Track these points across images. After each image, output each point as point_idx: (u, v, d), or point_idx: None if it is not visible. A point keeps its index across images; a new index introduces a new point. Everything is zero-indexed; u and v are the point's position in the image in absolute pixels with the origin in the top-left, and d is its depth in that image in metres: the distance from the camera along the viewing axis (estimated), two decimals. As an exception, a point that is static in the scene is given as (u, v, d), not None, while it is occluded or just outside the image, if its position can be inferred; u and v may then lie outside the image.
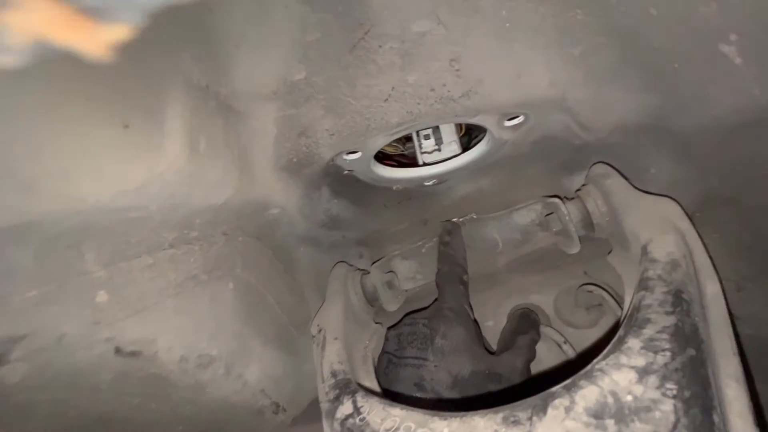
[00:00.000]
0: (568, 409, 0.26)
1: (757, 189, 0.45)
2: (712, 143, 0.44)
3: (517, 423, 0.27)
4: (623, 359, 0.28)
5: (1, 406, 0.31)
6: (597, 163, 0.58)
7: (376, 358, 0.58)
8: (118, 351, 0.33)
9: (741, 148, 0.42)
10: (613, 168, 0.55)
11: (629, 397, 0.25)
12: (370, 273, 0.66)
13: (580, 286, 0.63)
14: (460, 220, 0.67)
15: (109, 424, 0.39)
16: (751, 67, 0.32)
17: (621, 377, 0.27)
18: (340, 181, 0.57)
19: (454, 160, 0.61)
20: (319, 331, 0.57)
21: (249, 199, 0.48)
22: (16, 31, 0.15)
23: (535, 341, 0.54)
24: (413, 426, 0.31)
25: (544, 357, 0.63)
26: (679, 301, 0.32)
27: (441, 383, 0.47)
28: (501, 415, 0.28)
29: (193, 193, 0.35)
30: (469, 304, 0.55)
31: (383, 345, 0.58)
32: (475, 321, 0.55)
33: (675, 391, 0.25)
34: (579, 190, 0.59)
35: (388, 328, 0.59)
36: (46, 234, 0.27)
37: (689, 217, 0.45)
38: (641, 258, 0.42)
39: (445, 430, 0.29)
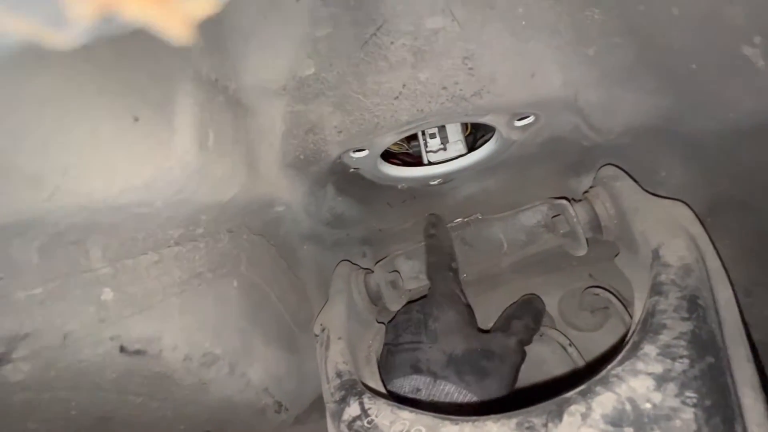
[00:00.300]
0: (584, 416, 0.26)
1: None
2: (725, 147, 0.44)
3: (532, 429, 0.26)
4: (640, 366, 0.28)
5: (3, 404, 0.30)
6: (606, 165, 0.57)
7: (379, 359, 0.57)
8: (122, 349, 0.32)
9: (754, 152, 0.42)
10: (623, 170, 0.54)
11: (648, 405, 0.25)
12: (373, 272, 0.65)
13: (586, 288, 0.63)
14: (465, 220, 0.67)
15: (111, 423, 0.38)
16: None
17: (638, 384, 0.27)
18: (346, 179, 0.57)
19: (461, 159, 0.60)
20: (323, 330, 0.56)
21: (255, 196, 0.48)
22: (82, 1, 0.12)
23: (528, 327, 0.53)
24: (423, 430, 0.30)
25: (548, 359, 0.63)
26: (695, 306, 0.32)
27: (436, 362, 0.48)
28: (515, 421, 0.28)
29: (200, 189, 0.34)
30: (461, 289, 0.56)
31: (384, 339, 0.58)
32: (467, 305, 0.55)
33: (695, 400, 0.24)
34: (587, 192, 0.59)
35: (387, 322, 0.59)
36: (51, 230, 0.26)
37: (701, 221, 0.44)
38: (652, 262, 0.42)
39: (457, 435, 0.29)
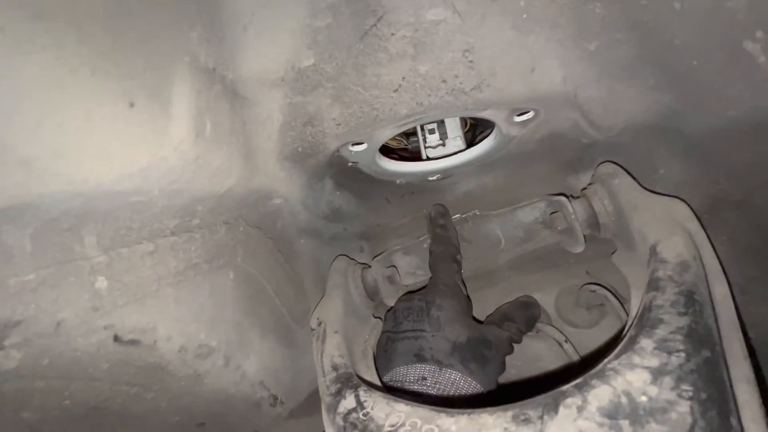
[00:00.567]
0: (580, 409, 0.26)
1: None
2: (724, 144, 0.44)
3: (527, 421, 0.26)
4: (636, 359, 0.28)
5: (-5, 392, 0.30)
6: (604, 162, 0.57)
7: (376, 348, 0.57)
8: (117, 339, 0.32)
9: (753, 150, 0.42)
10: (621, 167, 0.54)
11: (644, 398, 0.25)
12: (370, 267, 0.65)
13: (583, 285, 0.63)
14: (463, 216, 0.67)
15: (104, 414, 0.38)
16: None
17: (634, 377, 0.27)
18: (344, 173, 0.56)
19: (460, 155, 0.60)
20: (319, 324, 0.56)
21: (252, 188, 0.47)
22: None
23: (520, 331, 0.55)
24: (419, 422, 0.30)
25: (544, 355, 0.63)
26: (692, 302, 0.32)
27: (440, 351, 0.48)
28: (511, 413, 0.28)
29: (196, 179, 0.34)
30: (462, 281, 0.56)
31: (383, 327, 0.58)
32: (468, 297, 0.55)
33: (691, 393, 0.24)
34: (585, 189, 0.59)
35: (386, 311, 0.58)
36: (44, 216, 0.26)
37: (698, 218, 0.44)
38: (650, 258, 0.42)
39: (453, 428, 0.29)
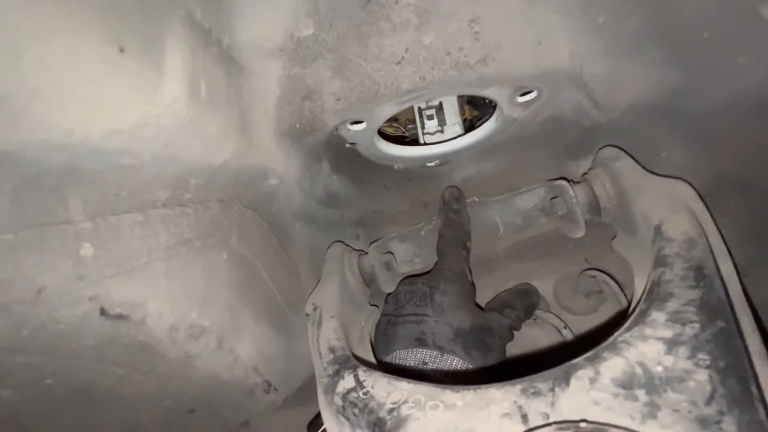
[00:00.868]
0: (593, 380, 0.25)
1: None
2: (729, 123, 0.43)
3: (537, 394, 0.25)
4: (648, 331, 0.27)
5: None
6: (606, 146, 0.57)
7: (374, 331, 0.56)
8: (103, 312, 0.30)
9: (759, 128, 0.41)
10: (623, 151, 0.54)
11: (659, 368, 0.24)
12: (367, 253, 0.64)
13: (583, 271, 0.62)
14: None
15: (90, 396, 0.36)
16: None
17: (648, 348, 0.26)
18: (342, 155, 0.55)
19: (460, 139, 0.59)
20: (315, 309, 0.55)
21: (247, 165, 0.46)
22: None
23: (519, 318, 0.55)
24: (423, 399, 0.29)
25: (542, 342, 0.62)
26: (702, 276, 0.31)
27: (442, 336, 0.46)
28: (519, 387, 0.27)
29: (190, 145, 0.32)
30: (469, 268, 0.54)
31: (383, 309, 0.56)
32: (472, 284, 0.54)
33: (708, 362, 0.24)
34: (586, 173, 0.58)
35: (387, 294, 0.57)
36: (25, 170, 0.24)
37: (702, 198, 0.44)
38: (654, 238, 0.41)
39: (459, 403, 0.27)
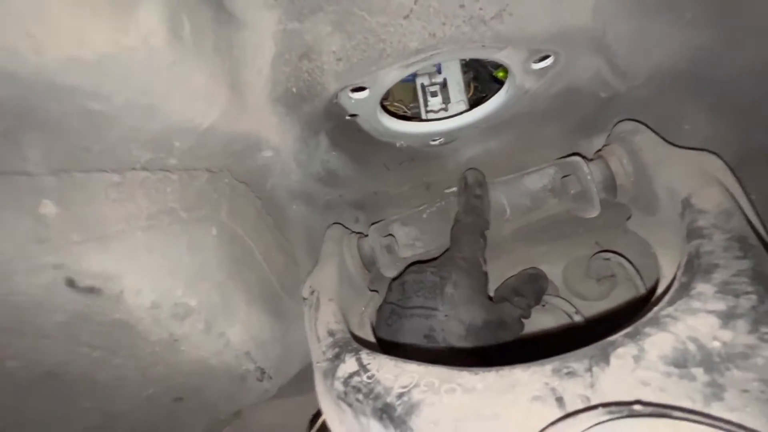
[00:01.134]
0: (637, 359, 0.21)
1: None
2: (761, 90, 0.40)
3: (573, 375, 0.22)
4: (696, 304, 0.24)
5: None
6: (622, 120, 0.53)
7: (375, 318, 0.53)
8: (71, 284, 0.26)
9: None
10: (643, 124, 0.50)
11: (717, 343, 0.21)
12: (367, 236, 0.60)
13: (596, 253, 0.59)
14: None
15: (60, 380, 0.32)
16: None
17: (699, 322, 0.22)
18: (341, 129, 0.51)
19: (466, 114, 0.56)
20: (312, 292, 0.52)
21: (239, 132, 0.42)
22: None
23: (530, 306, 0.53)
24: (437, 382, 0.26)
25: (553, 327, 0.59)
26: (748, 246, 0.28)
27: (453, 334, 0.44)
28: (549, 367, 0.23)
29: (172, 96, 0.28)
30: (484, 258, 0.51)
31: (386, 296, 0.53)
32: (485, 273, 0.51)
33: (775, 336, 0.20)
34: (600, 150, 0.55)
35: (393, 279, 0.54)
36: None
37: (732, 171, 0.41)
38: (683, 212, 0.38)
39: (479, 385, 0.24)
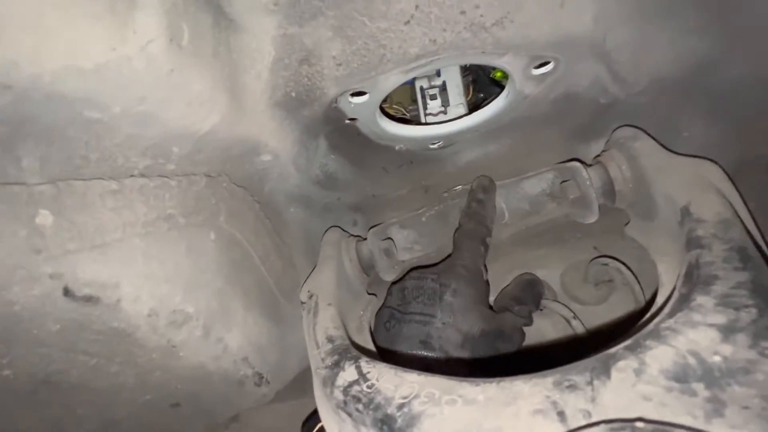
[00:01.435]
0: (638, 372, 0.22)
1: None
2: (760, 98, 0.40)
3: (574, 388, 0.22)
4: (697, 317, 0.24)
5: None
6: (621, 126, 0.53)
7: (373, 321, 0.53)
8: (68, 293, 0.26)
9: None
10: (642, 130, 0.51)
11: (717, 358, 0.21)
12: (365, 239, 0.60)
13: (594, 258, 0.59)
14: (466, 187, 0.62)
15: (58, 388, 0.32)
16: None
17: (699, 336, 0.22)
18: (340, 133, 0.51)
19: (466, 118, 0.56)
20: (310, 296, 0.51)
21: (237, 136, 0.41)
22: None
23: (531, 312, 0.53)
24: (437, 393, 0.26)
25: (550, 333, 0.59)
26: (747, 257, 0.28)
27: (450, 342, 0.44)
28: (551, 380, 0.23)
29: (170, 102, 0.28)
30: (485, 266, 0.51)
31: (384, 300, 0.53)
32: (486, 282, 0.51)
33: (776, 351, 0.20)
34: (599, 156, 0.55)
35: (392, 283, 0.54)
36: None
37: (731, 179, 0.41)
38: (682, 220, 0.38)
39: (480, 397, 0.24)
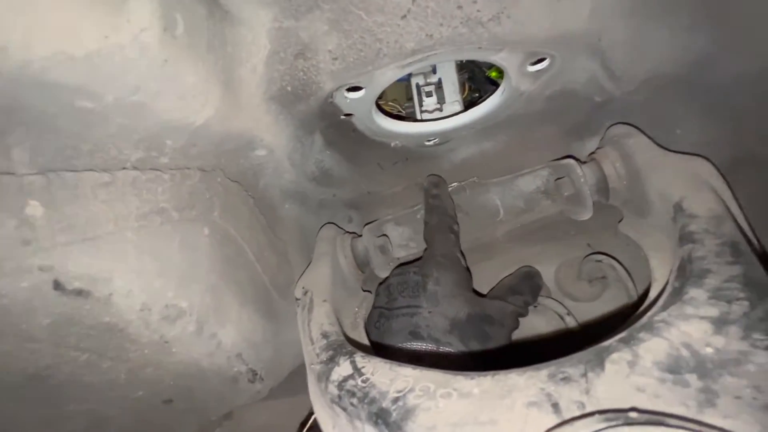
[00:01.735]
0: (632, 364, 0.22)
1: None
2: (757, 97, 0.40)
3: (568, 380, 0.22)
4: (689, 310, 0.24)
5: None
6: (616, 123, 0.54)
7: (366, 324, 0.53)
8: (58, 286, 0.25)
9: None
10: (636, 128, 0.51)
11: (709, 350, 0.21)
12: (361, 236, 0.60)
13: (587, 255, 0.59)
14: (462, 184, 0.62)
15: (47, 384, 0.31)
16: None
17: (692, 328, 0.23)
18: (336, 129, 0.51)
19: (462, 115, 0.56)
20: (305, 293, 0.51)
21: (232, 130, 0.41)
22: None
23: (527, 303, 0.53)
24: (432, 386, 0.26)
25: (544, 329, 0.59)
26: (739, 251, 0.28)
27: (438, 328, 0.44)
28: (545, 372, 0.23)
29: (164, 94, 0.28)
30: (461, 252, 0.52)
31: (374, 301, 0.54)
32: (467, 268, 0.52)
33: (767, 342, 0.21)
34: (593, 153, 0.55)
35: (379, 284, 0.54)
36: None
37: (723, 176, 0.41)
38: (675, 216, 0.38)
39: (475, 390, 0.24)
